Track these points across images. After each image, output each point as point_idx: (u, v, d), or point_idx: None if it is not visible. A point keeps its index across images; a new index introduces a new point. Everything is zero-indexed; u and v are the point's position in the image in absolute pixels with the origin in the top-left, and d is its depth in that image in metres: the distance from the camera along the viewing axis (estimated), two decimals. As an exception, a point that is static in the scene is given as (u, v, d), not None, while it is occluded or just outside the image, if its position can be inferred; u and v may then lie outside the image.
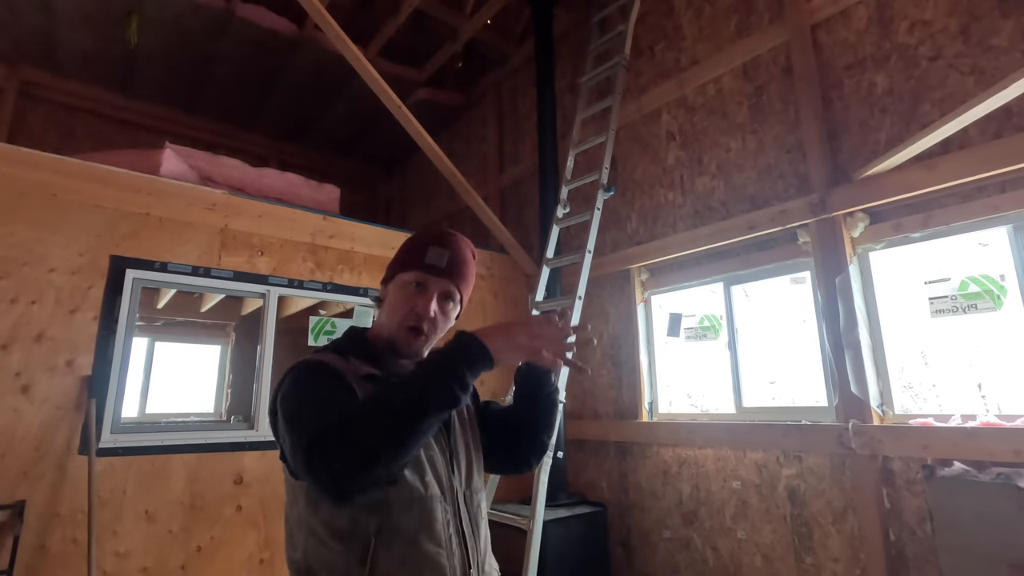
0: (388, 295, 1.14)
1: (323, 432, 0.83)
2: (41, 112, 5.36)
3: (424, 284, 1.11)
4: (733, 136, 3.34)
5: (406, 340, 1.10)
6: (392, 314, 1.11)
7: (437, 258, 1.11)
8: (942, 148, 2.44)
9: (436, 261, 1.11)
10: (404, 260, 1.14)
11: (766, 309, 3.20)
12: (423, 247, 1.12)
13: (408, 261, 1.13)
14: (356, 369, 1.05)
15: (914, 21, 2.63)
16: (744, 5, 3.39)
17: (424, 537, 0.97)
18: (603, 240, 3.96)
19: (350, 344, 1.13)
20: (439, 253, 1.11)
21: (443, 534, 1.00)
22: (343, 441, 0.82)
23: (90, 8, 4.42)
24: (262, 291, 3.25)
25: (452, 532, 1.02)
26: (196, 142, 5.62)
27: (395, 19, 4.73)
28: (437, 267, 1.11)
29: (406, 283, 1.11)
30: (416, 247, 1.13)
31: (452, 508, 1.04)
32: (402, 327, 1.10)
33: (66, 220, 2.69)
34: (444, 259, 1.11)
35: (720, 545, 3.04)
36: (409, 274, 1.11)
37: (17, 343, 2.50)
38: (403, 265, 1.13)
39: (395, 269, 1.14)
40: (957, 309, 2.40)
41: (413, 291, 1.10)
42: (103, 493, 2.56)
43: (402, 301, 1.10)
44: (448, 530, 1.01)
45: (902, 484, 2.42)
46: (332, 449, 0.81)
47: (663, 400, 3.60)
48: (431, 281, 1.10)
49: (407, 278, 1.11)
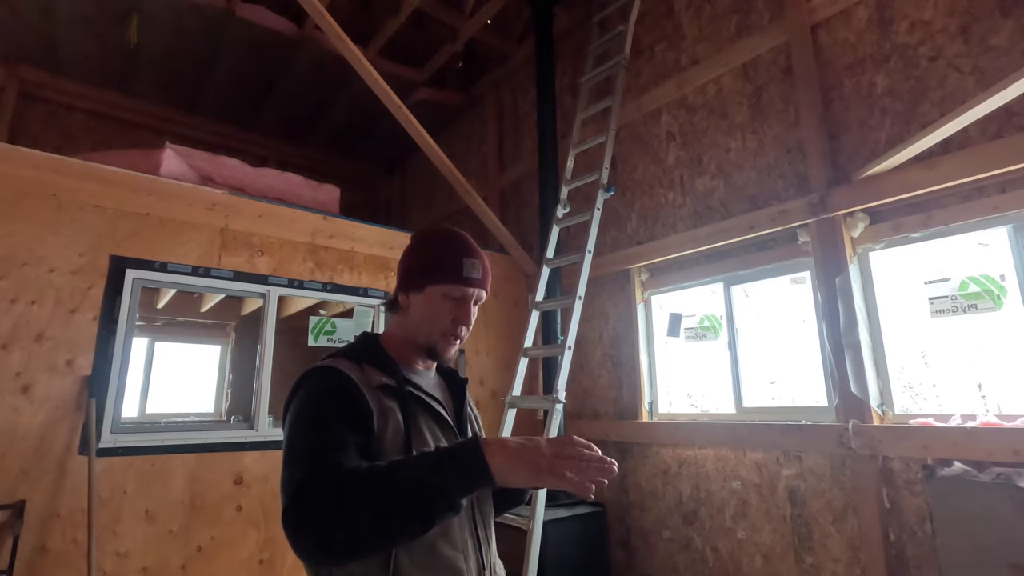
0: (417, 304, 1.15)
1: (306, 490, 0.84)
2: (41, 112, 5.36)
3: (463, 296, 1.14)
4: (733, 136, 3.34)
5: (446, 349, 1.15)
6: (432, 323, 1.13)
7: (474, 270, 1.14)
8: (942, 148, 2.44)
9: (474, 273, 1.14)
10: (438, 272, 1.13)
11: (766, 309, 3.20)
12: (457, 259, 1.14)
13: (444, 274, 1.13)
14: (370, 379, 1.05)
15: (914, 21, 2.63)
16: (744, 5, 3.39)
17: (443, 542, 0.99)
18: (603, 240, 3.96)
19: (364, 352, 1.13)
20: (474, 264, 1.15)
21: (460, 538, 1.02)
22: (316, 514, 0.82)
23: (90, 8, 4.42)
24: (262, 291, 3.25)
25: (468, 535, 1.04)
26: (196, 142, 5.62)
27: (395, 19, 4.73)
28: (476, 279, 1.15)
29: (445, 295, 1.13)
30: (450, 259, 1.14)
31: (468, 511, 1.06)
32: (442, 337, 1.14)
33: (66, 220, 2.69)
34: (479, 270, 1.15)
35: (720, 545, 3.04)
36: (448, 287, 1.12)
37: (17, 343, 2.50)
38: (438, 277, 1.13)
39: (426, 279, 1.14)
40: (957, 309, 2.40)
41: (451, 303, 1.13)
42: (103, 493, 2.56)
43: (443, 313, 1.13)
44: (464, 533, 1.03)
45: (902, 484, 2.41)
46: (307, 516, 0.83)
47: (663, 400, 3.60)
48: (468, 292, 1.14)
49: (447, 291, 1.12)
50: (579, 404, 3.99)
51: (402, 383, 1.09)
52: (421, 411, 1.10)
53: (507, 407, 3.28)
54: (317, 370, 1.05)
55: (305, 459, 0.90)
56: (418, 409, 1.10)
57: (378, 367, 1.10)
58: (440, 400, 1.17)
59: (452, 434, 1.14)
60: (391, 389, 1.07)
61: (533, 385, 4.10)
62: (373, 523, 0.82)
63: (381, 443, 0.99)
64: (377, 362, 1.11)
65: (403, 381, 1.10)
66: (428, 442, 1.06)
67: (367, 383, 1.04)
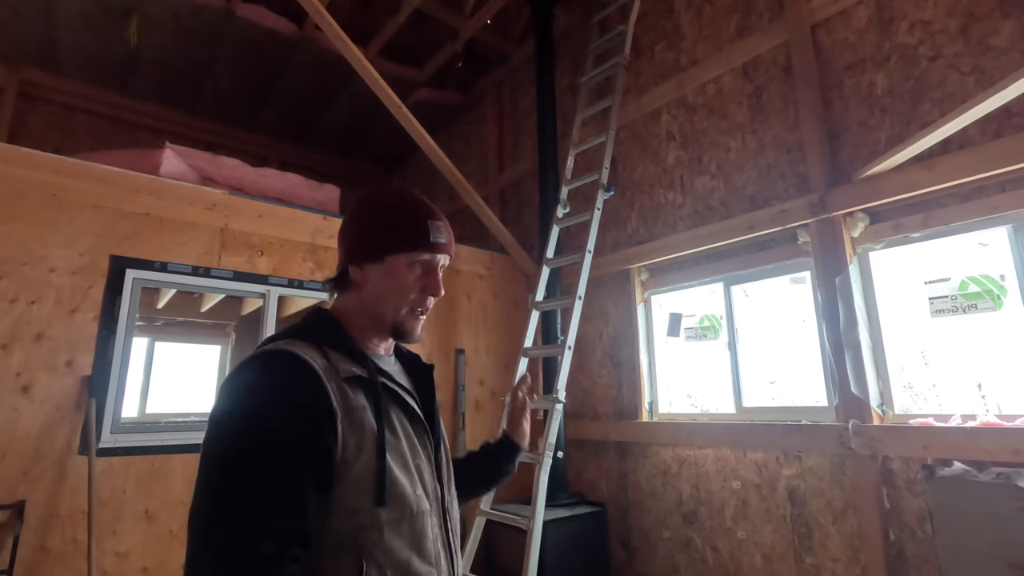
0: (376, 277, 0.99)
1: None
2: (41, 112, 5.36)
3: (430, 264, 1.00)
4: (733, 136, 3.34)
5: (414, 326, 1.01)
6: (398, 297, 0.98)
7: (441, 233, 1.01)
8: (942, 148, 2.44)
9: (441, 237, 1.01)
10: (401, 238, 0.99)
11: (766, 309, 3.20)
12: (422, 223, 1.00)
13: (408, 240, 0.98)
14: (337, 368, 0.88)
15: (914, 21, 2.63)
16: (744, 5, 3.39)
17: (417, 558, 0.88)
18: (603, 240, 3.96)
19: (325, 332, 0.95)
20: (439, 227, 1.01)
21: (433, 550, 0.92)
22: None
23: (90, 8, 4.42)
24: (262, 291, 3.25)
25: (440, 547, 0.95)
26: (196, 142, 5.62)
27: (395, 19, 4.73)
28: (443, 244, 1.01)
29: (411, 264, 0.98)
30: (413, 223, 1.00)
31: (439, 520, 0.96)
32: (412, 312, 1.00)
33: (66, 220, 2.69)
34: (445, 233, 1.02)
35: (720, 545, 3.04)
36: (414, 255, 0.98)
37: (17, 343, 2.50)
38: (402, 244, 0.98)
39: (387, 248, 0.98)
40: (957, 309, 2.40)
41: (416, 272, 0.99)
42: (103, 493, 2.56)
43: (410, 284, 0.98)
44: (437, 545, 0.94)
45: (902, 484, 2.41)
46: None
47: (663, 400, 3.60)
48: (436, 259, 1.01)
49: (413, 259, 0.98)
50: (579, 404, 3.99)
51: (374, 373, 0.93)
52: (394, 408, 0.95)
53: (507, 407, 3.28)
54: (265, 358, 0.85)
55: (215, 549, 0.72)
56: (391, 406, 0.94)
57: (343, 351, 0.92)
58: (411, 391, 1.02)
59: (423, 431, 1.00)
60: (362, 382, 0.90)
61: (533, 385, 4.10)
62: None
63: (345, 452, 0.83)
64: (340, 345, 0.93)
65: (375, 370, 0.93)
66: (404, 451, 0.93)
67: (334, 374, 0.86)
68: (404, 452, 0.92)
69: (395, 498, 0.86)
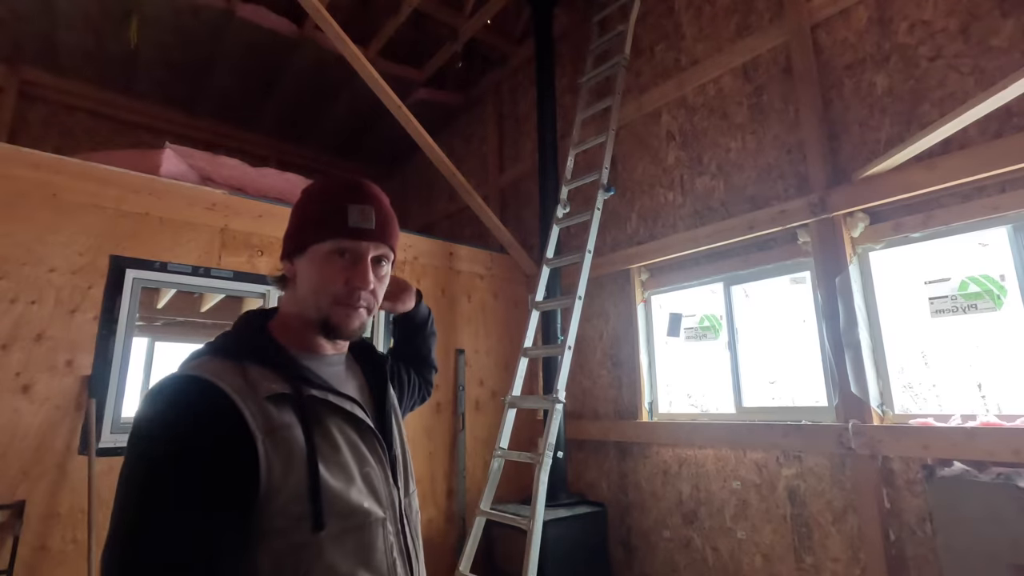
0: (303, 270, 0.91)
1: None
2: (41, 112, 5.36)
3: (354, 252, 0.90)
4: (733, 136, 3.34)
5: (344, 321, 0.90)
6: (320, 290, 0.89)
7: (364, 218, 0.90)
8: (942, 148, 2.44)
9: (364, 223, 0.90)
10: (318, 225, 0.90)
11: (766, 309, 3.20)
12: (340, 207, 0.90)
13: (325, 226, 0.90)
14: (256, 388, 0.80)
15: (914, 21, 2.63)
16: (744, 5, 3.39)
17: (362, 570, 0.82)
18: (603, 240, 3.96)
19: (248, 344, 0.87)
20: (363, 211, 0.90)
21: (385, 561, 0.85)
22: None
23: (90, 8, 4.42)
24: (262, 291, 3.25)
25: (396, 555, 0.88)
26: (196, 142, 5.62)
27: (395, 19, 4.73)
28: (366, 229, 0.90)
29: (329, 253, 0.89)
30: (331, 208, 0.90)
31: (395, 527, 0.90)
32: (336, 306, 0.90)
33: (66, 220, 2.69)
34: (371, 218, 0.91)
35: (720, 545, 3.04)
36: (331, 243, 0.89)
37: (17, 343, 2.49)
38: (320, 231, 0.90)
39: (306, 237, 0.91)
40: (957, 309, 2.40)
41: (341, 262, 0.90)
42: (103, 493, 2.55)
43: (330, 276, 0.89)
44: (392, 554, 0.87)
45: (902, 484, 2.42)
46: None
47: (663, 400, 3.60)
48: (360, 247, 0.91)
49: (329, 247, 0.89)
50: (579, 404, 3.99)
51: (300, 387, 0.84)
52: (332, 418, 0.87)
53: (507, 407, 3.29)
54: (172, 387, 0.78)
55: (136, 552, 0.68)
56: (328, 416, 0.86)
57: (267, 365, 0.84)
58: (355, 396, 0.93)
59: (372, 435, 0.92)
60: (286, 399, 0.82)
61: (533, 385, 4.10)
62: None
63: (271, 476, 0.75)
64: (264, 358, 0.85)
65: (301, 382, 0.85)
66: (347, 462, 0.85)
67: (252, 395, 0.79)
68: (346, 463, 0.85)
69: (336, 513, 0.80)
